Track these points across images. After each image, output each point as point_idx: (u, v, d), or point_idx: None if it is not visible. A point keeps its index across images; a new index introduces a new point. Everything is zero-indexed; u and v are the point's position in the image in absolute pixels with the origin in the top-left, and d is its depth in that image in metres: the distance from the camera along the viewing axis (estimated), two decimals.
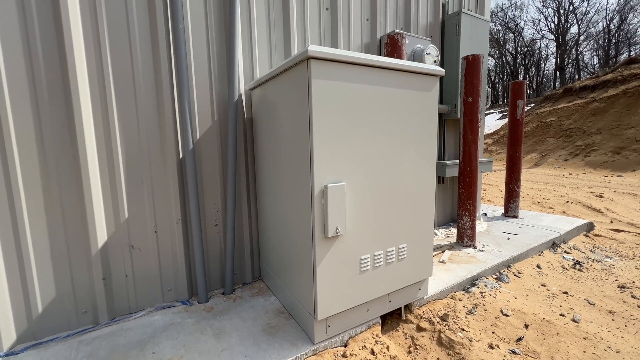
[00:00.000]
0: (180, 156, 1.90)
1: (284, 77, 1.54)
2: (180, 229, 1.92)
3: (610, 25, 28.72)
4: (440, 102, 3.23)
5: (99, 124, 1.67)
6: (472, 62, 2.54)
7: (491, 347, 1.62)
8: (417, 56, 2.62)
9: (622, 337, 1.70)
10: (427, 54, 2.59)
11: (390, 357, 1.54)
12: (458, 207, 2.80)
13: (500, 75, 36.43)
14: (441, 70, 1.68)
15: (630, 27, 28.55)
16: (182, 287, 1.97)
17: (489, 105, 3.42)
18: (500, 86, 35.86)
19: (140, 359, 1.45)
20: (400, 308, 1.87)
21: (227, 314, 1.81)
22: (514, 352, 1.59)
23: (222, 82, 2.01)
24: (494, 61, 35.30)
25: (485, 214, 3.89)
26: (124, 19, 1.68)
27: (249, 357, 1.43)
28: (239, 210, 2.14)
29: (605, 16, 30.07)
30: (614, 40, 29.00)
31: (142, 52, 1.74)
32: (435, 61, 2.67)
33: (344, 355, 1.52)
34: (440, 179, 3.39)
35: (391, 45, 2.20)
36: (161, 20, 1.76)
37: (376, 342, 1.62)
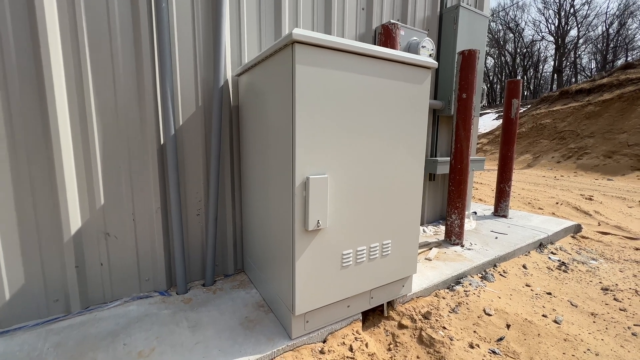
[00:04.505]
0: (162, 142, 1.83)
1: (269, 63, 1.48)
2: (159, 217, 1.86)
3: (610, 30, 28.84)
4: (435, 97, 3.18)
5: (74, 105, 1.58)
6: (468, 57, 2.48)
7: (471, 346, 1.60)
8: (412, 49, 2.56)
9: (602, 339, 1.70)
10: (423, 47, 2.52)
11: (369, 354, 1.51)
12: (447, 204, 2.78)
13: (499, 76, 36.46)
14: (433, 63, 1.63)
15: (629, 32, 28.71)
16: (161, 277, 1.91)
17: (484, 102, 3.38)
18: (498, 86, 35.92)
19: (110, 350, 1.40)
20: (383, 305, 1.85)
21: (205, 306, 1.76)
22: (494, 352, 1.57)
23: (207, 66, 1.93)
24: (493, 61, 35.28)
25: (475, 213, 3.88)
26: None
27: (222, 351, 1.39)
28: (222, 200, 2.08)
29: (605, 20, 30.13)
30: (612, 45, 29.16)
31: (121, 31, 1.65)
32: (430, 55, 2.61)
33: (321, 351, 1.49)
34: (431, 176, 3.36)
35: (385, 36, 2.13)
36: None
37: (355, 338, 1.59)
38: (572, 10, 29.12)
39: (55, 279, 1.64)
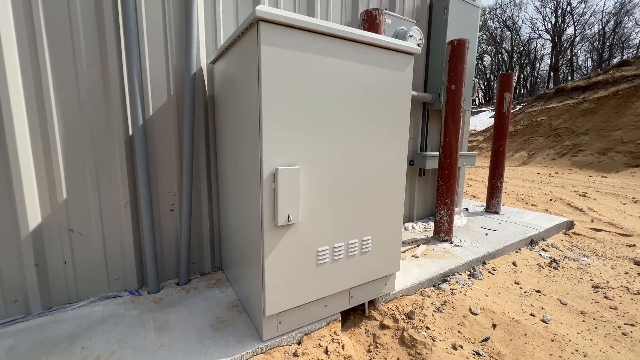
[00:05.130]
0: (130, 133, 1.72)
1: (238, 46, 1.38)
2: (129, 212, 1.76)
3: (606, 28, 28.86)
4: (425, 90, 3.09)
5: (30, 91, 1.47)
6: (457, 47, 2.39)
7: (454, 347, 1.52)
8: (399, 38, 2.45)
9: (591, 339, 1.62)
10: (410, 36, 2.43)
11: (345, 357, 1.42)
12: (436, 200, 2.69)
13: (496, 74, 36.43)
14: (416, 49, 1.53)
15: (625, 30, 28.74)
16: (131, 275, 1.81)
17: (475, 96, 3.29)
18: (495, 84, 35.89)
19: (66, 355, 1.31)
20: (364, 304, 1.76)
21: (176, 306, 1.67)
22: (478, 354, 1.49)
23: (180, 53, 1.82)
24: (490, 59, 35.24)
25: (467, 209, 3.81)
26: None
27: (187, 355, 1.30)
28: (197, 195, 1.98)
29: (602, 18, 30.15)
30: (608, 43, 29.20)
31: (82, 11, 1.53)
32: (419, 44, 2.51)
33: (295, 354, 1.40)
34: (421, 171, 3.28)
35: (368, 22, 2.03)
36: None
37: (332, 340, 1.51)
38: (568, 9, 29.10)
39: (13, 278, 1.53)
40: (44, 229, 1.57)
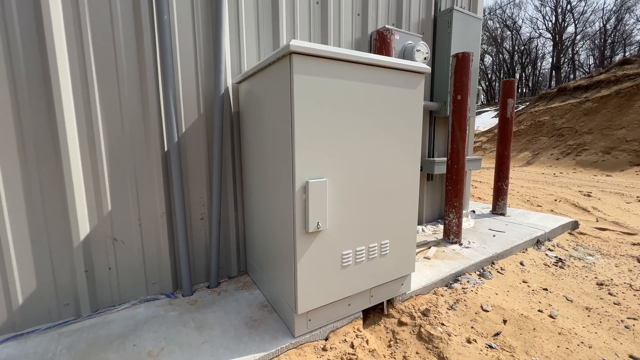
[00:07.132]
0: (165, 149, 1.89)
1: (268, 72, 1.54)
2: (165, 222, 1.92)
3: (607, 26, 28.88)
4: (431, 99, 3.23)
5: (81, 115, 1.64)
6: (462, 60, 2.54)
7: (469, 341, 1.66)
8: (407, 53, 2.62)
9: (596, 332, 1.75)
10: (417, 50, 2.58)
11: (369, 351, 1.56)
12: (445, 204, 2.83)
13: (497, 73, 36.52)
14: (426, 68, 1.68)
15: (626, 27, 28.75)
16: (167, 280, 1.97)
17: (479, 103, 3.44)
18: (497, 84, 35.96)
19: (120, 351, 1.46)
20: (383, 303, 1.90)
21: (210, 307, 1.82)
22: (491, 347, 1.62)
23: (208, 75, 1.99)
24: (491, 59, 35.34)
25: (474, 211, 3.93)
26: (107, 8, 1.65)
27: (229, 350, 1.45)
28: (224, 204, 2.14)
29: (602, 16, 30.21)
30: (609, 41, 29.19)
31: (125, 43, 1.71)
32: (425, 58, 2.67)
33: (324, 349, 1.54)
34: (429, 176, 3.42)
35: (380, 42, 2.19)
36: (145, 11, 1.73)
37: (356, 335, 1.65)
38: (569, 7, 29.19)
39: (66, 284, 1.70)
40: (92, 238, 1.74)
